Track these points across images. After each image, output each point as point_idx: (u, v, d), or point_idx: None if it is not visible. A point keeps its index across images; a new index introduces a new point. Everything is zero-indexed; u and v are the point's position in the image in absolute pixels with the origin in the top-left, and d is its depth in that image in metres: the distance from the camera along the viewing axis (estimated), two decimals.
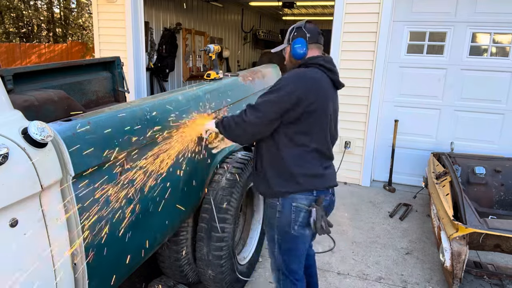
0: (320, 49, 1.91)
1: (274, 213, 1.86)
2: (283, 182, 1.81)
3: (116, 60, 3.39)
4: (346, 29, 4.46)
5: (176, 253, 2.27)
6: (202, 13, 8.56)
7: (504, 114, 4.28)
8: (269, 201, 1.91)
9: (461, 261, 2.35)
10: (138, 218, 1.66)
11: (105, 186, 1.45)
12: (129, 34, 5.18)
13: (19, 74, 2.47)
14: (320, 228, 1.77)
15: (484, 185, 3.51)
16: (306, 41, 1.85)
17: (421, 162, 4.53)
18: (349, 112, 4.56)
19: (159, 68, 7.14)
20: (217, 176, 2.29)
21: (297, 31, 1.88)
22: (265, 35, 12.06)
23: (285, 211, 1.83)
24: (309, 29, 1.87)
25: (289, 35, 1.92)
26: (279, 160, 1.81)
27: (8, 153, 1.06)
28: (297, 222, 1.82)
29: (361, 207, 4.11)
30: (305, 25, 1.88)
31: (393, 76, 4.53)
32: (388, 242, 3.38)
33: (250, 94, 2.76)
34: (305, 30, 1.87)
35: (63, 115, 2.20)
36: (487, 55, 4.25)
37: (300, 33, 1.87)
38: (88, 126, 1.39)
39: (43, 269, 1.23)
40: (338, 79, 1.88)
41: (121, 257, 1.62)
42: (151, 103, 1.77)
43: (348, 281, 2.80)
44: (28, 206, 1.15)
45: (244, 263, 2.64)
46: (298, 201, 1.81)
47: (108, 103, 3.30)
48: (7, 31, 14.33)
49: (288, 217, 1.82)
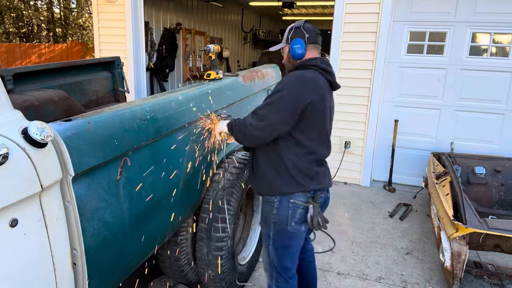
0: (318, 49, 1.92)
1: (271, 209, 1.89)
2: (283, 182, 1.84)
3: (116, 60, 3.39)
4: (346, 29, 4.45)
5: (176, 253, 2.27)
6: (202, 13, 8.56)
7: (504, 114, 4.27)
8: (266, 198, 1.93)
9: (461, 261, 2.35)
10: (138, 218, 1.66)
11: (105, 186, 1.45)
12: (129, 34, 5.18)
13: (19, 74, 2.47)
14: (317, 224, 1.81)
15: (484, 185, 3.51)
16: (305, 42, 1.85)
17: (421, 162, 4.53)
18: (349, 112, 4.56)
19: (159, 68, 7.14)
20: (217, 176, 2.29)
21: (295, 31, 1.88)
22: (265, 35, 12.06)
23: (282, 207, 1.85)
24: (307, 29, 1.87)
25: (287, 34, 1.92)
26: (278, 161, 1.83)
27: (8, 153, 1.06)
28: (294, 218, 1.85)
29: (361, 207, 4.11)
30: (303, 25, 1.88)
31: (393, 76, 4.53)
32: (388, 242, 3.38)
33: (250, 94, 2.76)
34: (303, 30, 1.86)
35: (63, 115, 2.20)
36: (487, 55, 4.25)
37: (299, 34, 1.87)
38: (88, 126, 1.38)
39: (43, 269, 1.23)
40: (335, 80, 1.89)
41: (121, 257, 1.62)
42: (151, 103, 1.77)
43: (348, 281, 2.80)
44: (28, 206, 1.15)
45: (244, 263, 2.64)
46: (296, 198, 1.84)
47: (108, 103, 3.30)
48: (7, 31, 14.33)
49: (285, 213, 1.85)
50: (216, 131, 2.02)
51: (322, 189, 1.89)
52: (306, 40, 1.85)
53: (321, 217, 1.83)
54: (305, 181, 1.83)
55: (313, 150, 1.82)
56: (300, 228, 1.88)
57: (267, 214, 1.93)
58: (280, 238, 1.91)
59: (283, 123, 1.75)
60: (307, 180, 1.83)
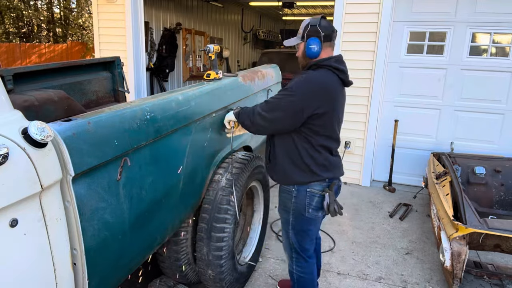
0: (333, 46, 1.99)
1: (290, 198, 2.03)
2: (300, 172, 1.97)
3: (116, 60, 3.39)
4: (346, 29, 4.46)
5: (176, 253, 2.27)
6: (202, 13, 8.56)
7: (504, 114, 4.28)
8: (283, 187, 2.08)
9: (461, 261, 2.35)
10: (138, 218, 1.66)
11: (105, 186, 1.45)
12: (129, 34, 5.18)
13: (19, 74, 2.47)
14: (333, 211, 1.93)
15: (484, 185, 3.51)
16: (321, 41, 1.89)
17: (421, 162, 4.53)
18: (349, 112, 4.54)
19: (159, 68, 7.14)
20: (217, 176, 2.29)
21: (312, 29, 1.91)
22: (265, 35, 12.07)
23: (300, 196, 1.99)
24: (323, 27, 1.90)
25: (303, 31, 1.94)
26: (295, 153, 1.96)
27: (8, 153, 1.06)
28: (311, 206, 1.99)
29: (361, 207, 4.11)
30: (320, 22, 1.90)
31: (393, 76, 4.53)
32: (388, 242, 3.38)
33: (250, 94, 2.75)
34: (319, 28, 1.89)
35: (63, 115, 2.20)
36: (487, 55, 4.25)
37: (314, 32, 1.90)
38: (88, 126, 1.38)
39: (43, 269, 1.23)
40: (347, 78, 1.99)
41: (121, 257, 1.62)
42: (151, 103, 1.77)
43: (348, 281, 2.80)
44: (28, 206, 1.15)
45: (244, 263, 2.64)
46: (312, 187, 1.97)
47: (108, 103, 3.30)
48: (7, 31, 14.33)
49: (303, 201, 1.99)
50: (225, 120, 2.17)
51: (336, 178, 2.03)
52: (322, 39, 1.89)
53: (336, 204, 1.94)
54: (320, 171, 1.96)
55: (324, 144, 1.94)
56: (317, 214, 2.02)
57: (285, 202, 2.06)
58: (299, 224, 2.05)
59: (287, 123, 1.89)
60: (321, 170, 1.96)
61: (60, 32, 15.71)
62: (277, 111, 1.87)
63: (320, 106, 1.84)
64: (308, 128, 1.89)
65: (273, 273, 2.85)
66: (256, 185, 2.75)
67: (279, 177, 2.07)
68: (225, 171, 2.31)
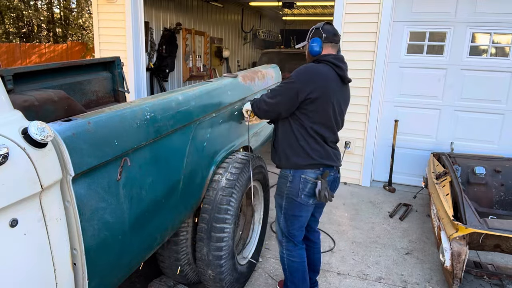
0: (336, 48, 2.21)
1: (285, 182, 2.19)
2: (296, 155, 2.14)
3: (116, 60, 3.39)
4: (346, 29, 4.46)
5: (176, 253, 2.27)
6: (202, 13, 8.56)
7: (504, 114, 4.28)
8: (281, 173, 2.24)
9: (461, 261, 2.35)
10: (138, 218, 1.66)
11: (105, 186, 1.45)
12: (129, 34, 5.18)
13: (19, 74, 2.47)
14: (324, 197, 2.09)
15: (484, 185, 3.51)
16: (322, 41, 2.15)
17: (421, 162, 4.53)
18: (349, 112, 4.47)
19: (159, 68, 7.13)
20: (217, 176, 2.29)
21: (315, 32, 2.19)
22: (265, 35, 12.07)
23: (294, 181, 2.15)
24: (325, 30, 2.17)
25: (309, 34, 2.23)
26: (291, 136, 2.15)
27: (8, 153, 1.06)
28: (304, 191, 2.14)
29: (361, 207, 4.11)
30: (323, 26, 2.18)
31: (393, 76, 4.53)
32: (388, 242, 3.38)
33: (250, 94, 2.75)
34: (322, 31, 2.17)
35: (63, 115, 2.20)
36: (487, 55, 4.25)
37: (317, 34, 2.18)
38: (88, 126, 1.38)
39: (43, 269, 1.23)
40: (345, 74, 2.16)
41: (121, 257, 1.62)
42: (151, 103, 1.77)
43: (348, 281, 2.80)
44: (28, 206, 1.15)
45: (244, 263, 2.64)
46: (307, 174, 2.13)
47: (108, 103, 3.30)
48: (7, 31, 14.33)
49: (297, 186, 2.14)
50: (243, 109, 2.40)
51: (330, 166, 2.17)
52: (323, 39, 2.15)
53: (327, 191, 2.10)
54: (314, 155, 2.11)
55: (317, 131, 2.10)
56: (308, 201, 2.17)
57: (281, 186, 2.23)
58: (291, 209, 2.20)
59: (285, 104, 2.09)
60: (316, 154, 2.11)
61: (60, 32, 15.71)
62: (278, 96, 2.11)
63: (313, 91, 2.02)
64: (303, 113, 2.08)
65: (273, 273, 2.85)
66: (256, 185, 2.75)
67: (279, 160, 2.23)
68: (225, 171, 2.31)
